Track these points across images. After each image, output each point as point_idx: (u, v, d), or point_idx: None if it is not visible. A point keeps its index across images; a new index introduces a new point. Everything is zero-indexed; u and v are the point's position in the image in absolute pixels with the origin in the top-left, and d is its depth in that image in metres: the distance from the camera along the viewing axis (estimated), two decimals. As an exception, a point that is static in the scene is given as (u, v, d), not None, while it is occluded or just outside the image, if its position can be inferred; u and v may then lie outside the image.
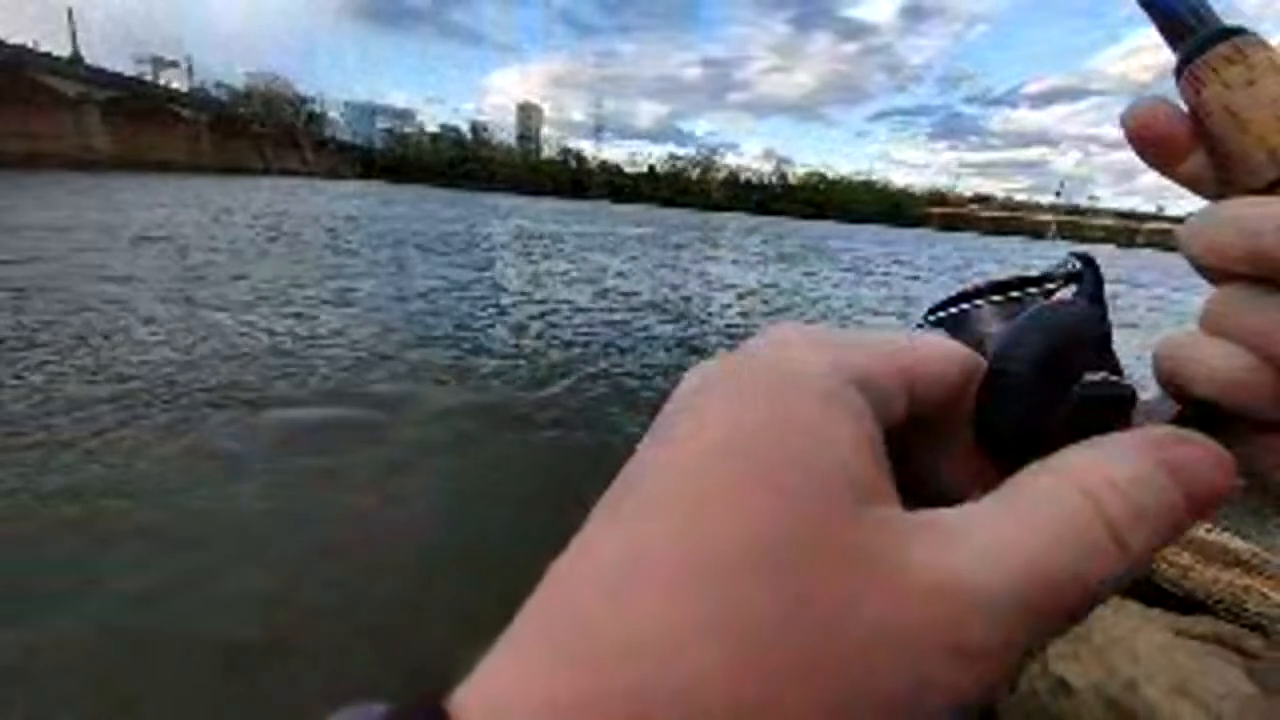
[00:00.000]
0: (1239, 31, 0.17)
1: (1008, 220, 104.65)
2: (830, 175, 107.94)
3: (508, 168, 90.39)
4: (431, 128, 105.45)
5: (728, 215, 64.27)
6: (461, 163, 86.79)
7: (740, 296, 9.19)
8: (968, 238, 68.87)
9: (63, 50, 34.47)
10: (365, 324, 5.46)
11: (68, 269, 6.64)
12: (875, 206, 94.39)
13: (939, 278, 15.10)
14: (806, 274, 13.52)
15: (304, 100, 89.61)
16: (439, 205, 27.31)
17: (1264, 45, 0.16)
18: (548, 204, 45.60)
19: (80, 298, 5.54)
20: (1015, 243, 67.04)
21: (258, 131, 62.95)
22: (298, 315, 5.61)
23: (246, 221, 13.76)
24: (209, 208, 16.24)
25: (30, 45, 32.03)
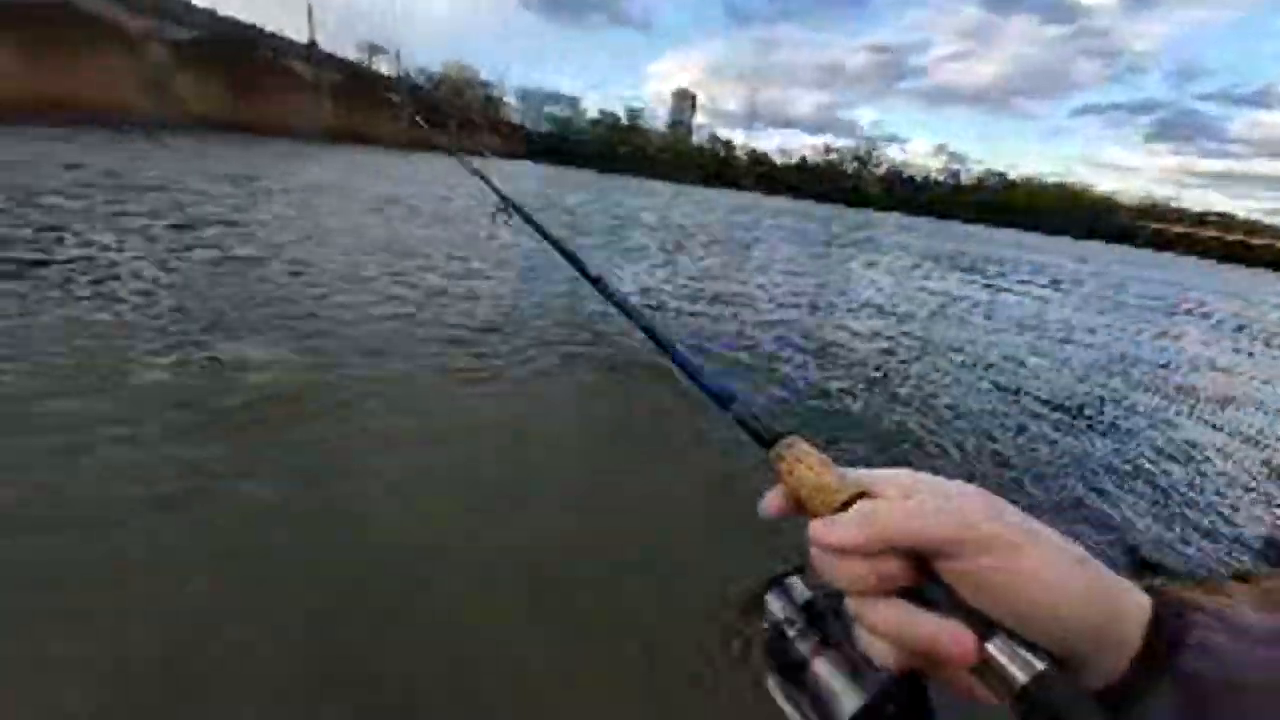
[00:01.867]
0: (781, 437, 0.29)
1: (1247, 247, 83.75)
2: (1013, 176, 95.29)
3: (665, 151, 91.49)
4: (592, 113, 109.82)
5: (886, 214, 59.58)
6: (615, 147, 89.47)
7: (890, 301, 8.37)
8: (1190, 263, 57.44)
9: (298, 36, 40.20)
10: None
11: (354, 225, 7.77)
12: (1067, 214, 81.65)
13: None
14: (987, 285, 12.02)
15: (485, 86, 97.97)
16: (612, 191, 28.50)
17: (792, 446, 0.29)
18: (698, 194, 45.43)
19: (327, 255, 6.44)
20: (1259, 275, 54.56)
21: (447, 114, 70.05)
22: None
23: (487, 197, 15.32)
24: (462, 181, 18.25)
25: (275, 31, 37.54)
